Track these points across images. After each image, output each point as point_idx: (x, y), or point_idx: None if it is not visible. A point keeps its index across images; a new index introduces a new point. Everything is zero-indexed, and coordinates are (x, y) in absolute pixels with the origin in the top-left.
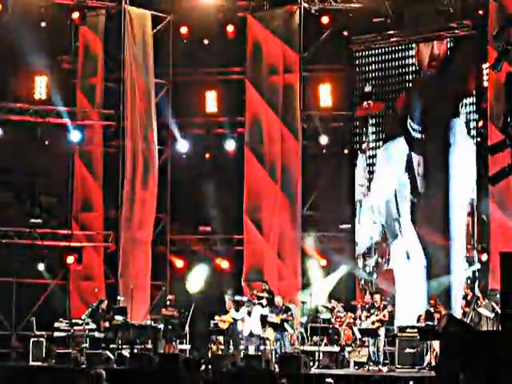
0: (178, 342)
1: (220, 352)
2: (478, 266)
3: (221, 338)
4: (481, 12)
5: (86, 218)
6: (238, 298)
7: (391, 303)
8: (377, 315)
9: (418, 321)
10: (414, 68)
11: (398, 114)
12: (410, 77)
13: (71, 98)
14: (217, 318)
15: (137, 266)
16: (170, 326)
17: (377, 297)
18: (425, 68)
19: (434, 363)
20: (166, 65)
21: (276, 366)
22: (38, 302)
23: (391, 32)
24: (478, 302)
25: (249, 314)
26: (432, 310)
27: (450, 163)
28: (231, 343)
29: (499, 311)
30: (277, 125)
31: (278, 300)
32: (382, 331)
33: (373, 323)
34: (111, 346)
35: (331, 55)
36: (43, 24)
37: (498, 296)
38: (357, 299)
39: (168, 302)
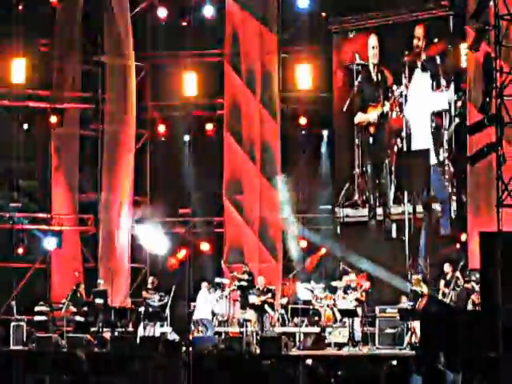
0: (158, 324)
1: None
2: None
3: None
4: None
5: (66, 202)
6: (218, 280)
7: None
8: (354, 295)
9: (399, 301)
10: None
11: None
12: None
13: (49, 81)
14: None
15: (117, 249)
16: (150, 309)
17: (353, 277)
18: None
19: (414, 343)
20: (145, 47)
21: (257, 348)
22: (18, 286)
23: (369, 13)
24: (458, 282)
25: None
26: (415, 289)
27: None
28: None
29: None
30: (255, 107)
31: (260, 281)
32: (359, 311)
33: (350, 302)
34: (92, 329)
35: (309, 37)
36: (20, 7)
37: (477, 276)
38: (337, 280)
39: (150, 286)
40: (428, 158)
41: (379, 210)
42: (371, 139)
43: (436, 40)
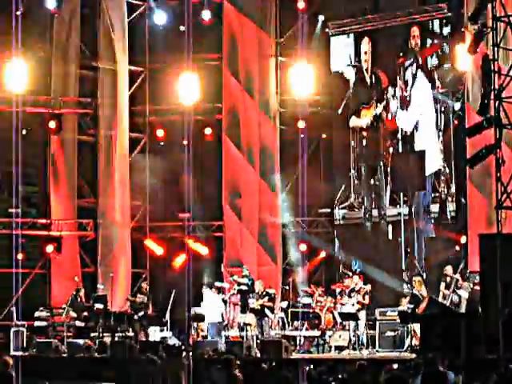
0: (158, 329)
1: (201, 338)
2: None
3: (201, 325)
4: None
5: (65, 207)
6: (218, 284)
7: None
8: (357, 298)
9: (399, 303)
10: None
11: None
12: None
13: (47, 86)
14: None
15: (116, 254)
16: (140, 313)
17: (356, 280)
18: None
19: (414, 346)
20: (143, 52)
21: (257, 352)
22: (18, 292)
23: (367, 16)
24: (458, 284)
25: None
26: (415, 292)
27: None
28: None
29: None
30: (254, 110)
31: (259, 285)
32: (362, 315)
33: (353, 305)
34: (92, 334)
35: (307, 40)
36: (18, 12)
37: (477, 278)
38: (337, 283)
39: (143, 291)
40: (423, 160)
41: (375, 212)
42: (364, 141)
43: (434, 42)
